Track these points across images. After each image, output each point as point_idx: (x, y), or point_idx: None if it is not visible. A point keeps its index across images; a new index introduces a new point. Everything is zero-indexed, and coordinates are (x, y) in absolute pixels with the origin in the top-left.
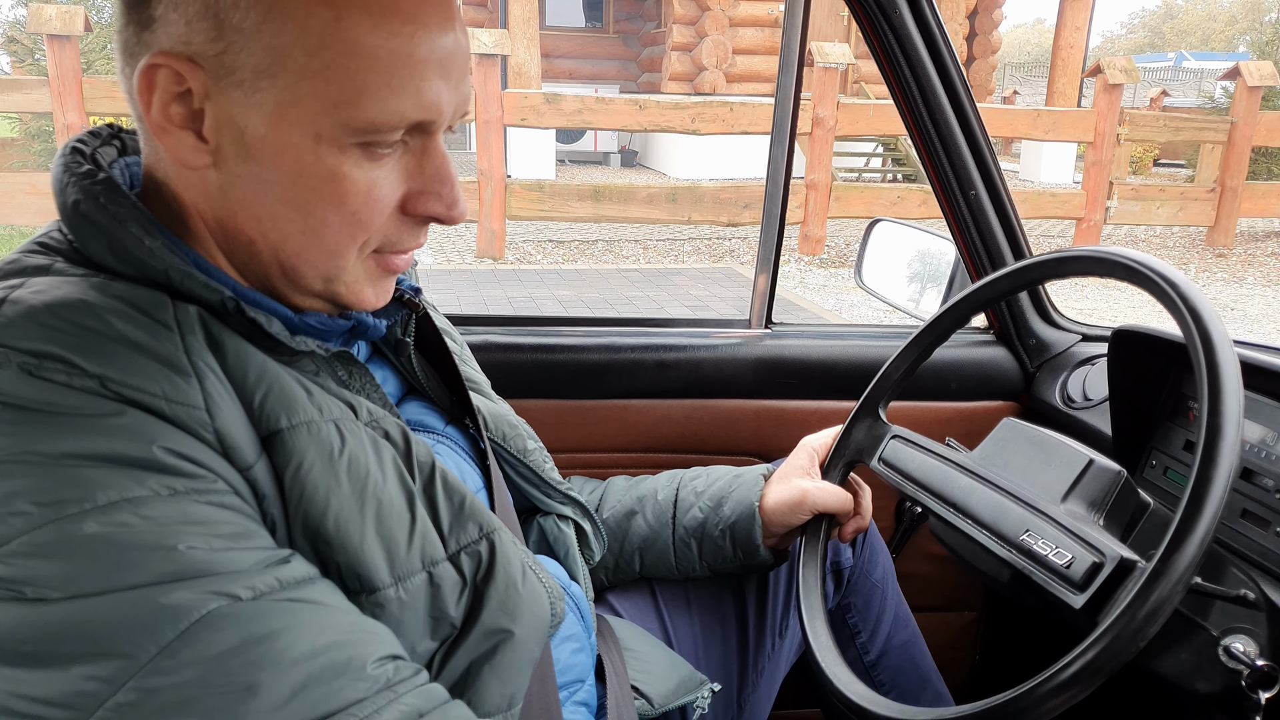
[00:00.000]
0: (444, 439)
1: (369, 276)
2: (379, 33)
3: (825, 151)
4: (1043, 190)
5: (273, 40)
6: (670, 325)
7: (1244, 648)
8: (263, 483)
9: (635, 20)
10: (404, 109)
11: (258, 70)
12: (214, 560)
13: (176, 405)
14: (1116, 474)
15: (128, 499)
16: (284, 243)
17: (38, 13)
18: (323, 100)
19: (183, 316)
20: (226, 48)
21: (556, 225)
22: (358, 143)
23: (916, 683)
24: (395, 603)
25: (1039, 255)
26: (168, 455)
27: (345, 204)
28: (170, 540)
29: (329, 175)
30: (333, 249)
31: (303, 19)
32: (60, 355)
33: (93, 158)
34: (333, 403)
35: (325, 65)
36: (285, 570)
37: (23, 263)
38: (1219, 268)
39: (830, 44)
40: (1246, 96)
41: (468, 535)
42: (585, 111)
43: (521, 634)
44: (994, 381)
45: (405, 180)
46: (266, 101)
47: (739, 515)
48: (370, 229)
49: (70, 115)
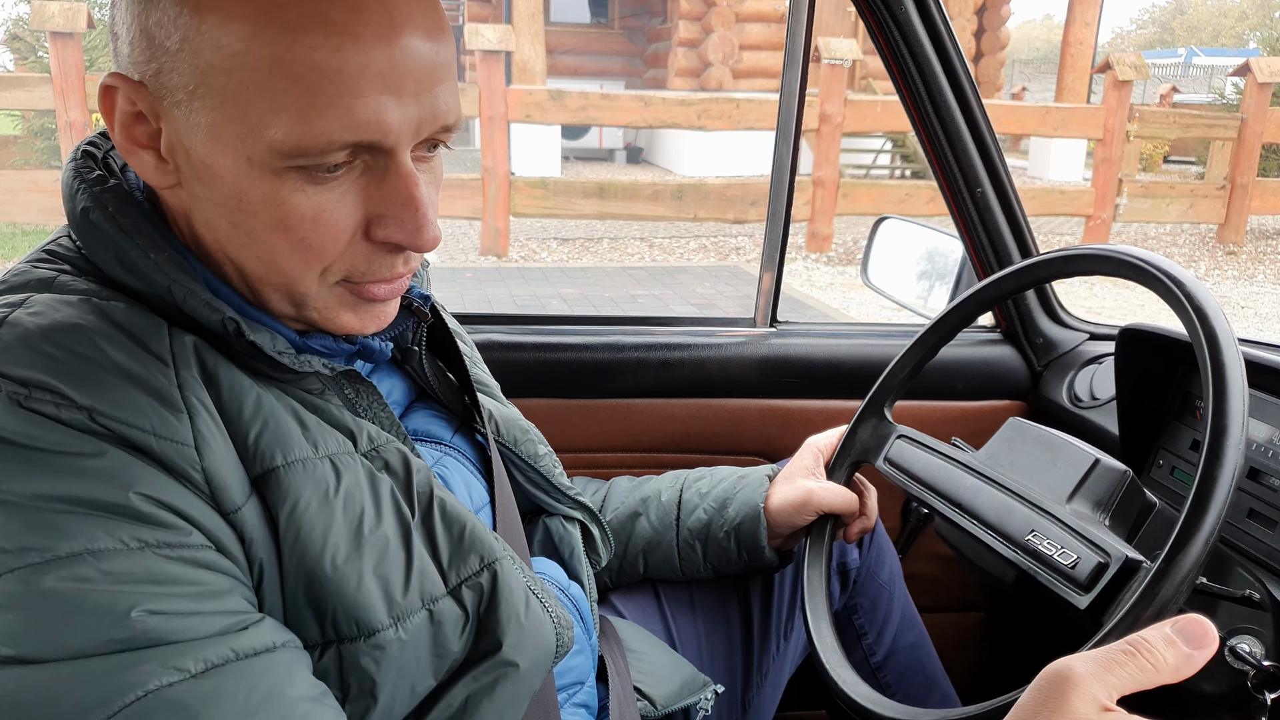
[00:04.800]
0: (451, 450)
1: (343, 303)
2: (298, 48)
3: (833, 148)
4: (1052, 187)
5: (194, 60)
6: (674, 324)
7: (1250, 648)
8: (250, 525)
9: (641, 16)
10: (331, 130)
11: (189, 91)
12: (168, 628)
13: (165, 442)
14: (1122, 474)
15: (91, 550)
16: (245, 266)
17: (40, 10)
18: (245, 123)
19: (179, 349)
20: (160, 68)
21: (561, 222)
22: (291, 166)
23: (923, 684)
24: (395, 644)
25: (1045, 253)
26: (144, 502)
27: (291, 230)
28: (126, 603)
29: (266, 200)
30: (289, 275)
31: (217, 37)
32: (51, 385)
33: (104, 162)
34: (329, 436)
35: (243, 85)
36: (244, 639)
37: (29, 275)
38: (1229, 265)
39: (837, 40)
40: (1257, 93)
41: (469, 568)
42: (590, 108)
43: (525, 667)
44: (1001, 381)
45: (363, 204)
46: (201, 122)
47: (744, 516)
48: (326, 256)
49: (73, 113)
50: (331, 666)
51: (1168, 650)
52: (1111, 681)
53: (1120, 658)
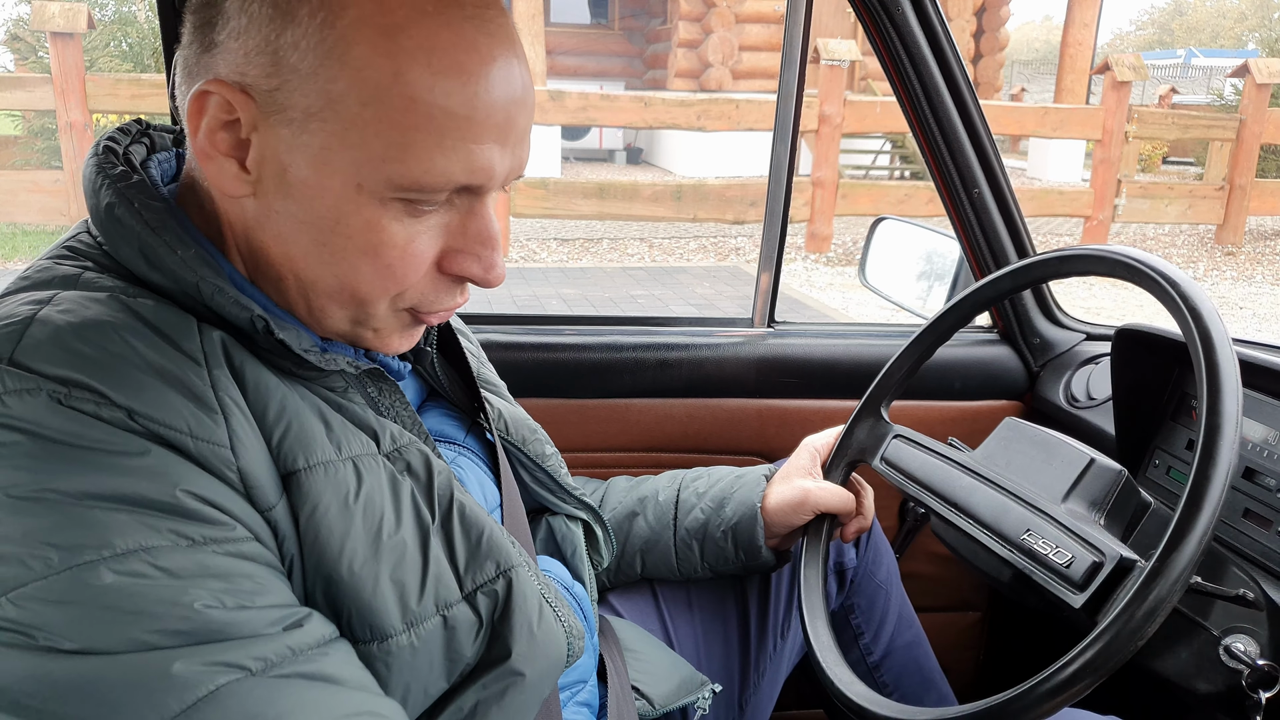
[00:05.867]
0: (465, 449)
1: (401, 327)
2: (436, 91)
3: (832, 149)
4: (1050, 188)
5: (328, 85)
6: (672, 324)
7: (1245, 647)
8: (283, 523)
9: (641, 17)
10: (452, 172)
11: (308, 111)
12: (228, 622)
13: (202, 443)
14: (1117, 473)
15: (145, 547)
16: (315, 283)
17: (41, 10)
18: (369, 152)
19: (209, 347)
20: (280, 85)
21: (561, 223)
22: (399, 197)
23: (920, 684)
24: (408, 649)
25: (1041, 254)
26: (190, 499)
27: (380, 256)
28: (185, 596)
29: (366, 225)
30: (364, 297)
31: (360, 68)
32: (90, 385)
33: (125, 157)
34: (353, 436)
35: (376, 118)
36: (299, 636)
37: (53, 271)
38: (1228, 266)
39: (837, 40)
40: (1255, 94)
41: (484, 574)
42: (590, 108)
43: (534, 677)
44: (998, 381)
45: (445, 237)
46: (313, 144)
47: (741, 516)
48: (404, 284)
49: (73, 113)
50: None
51: None
52: None
53: None
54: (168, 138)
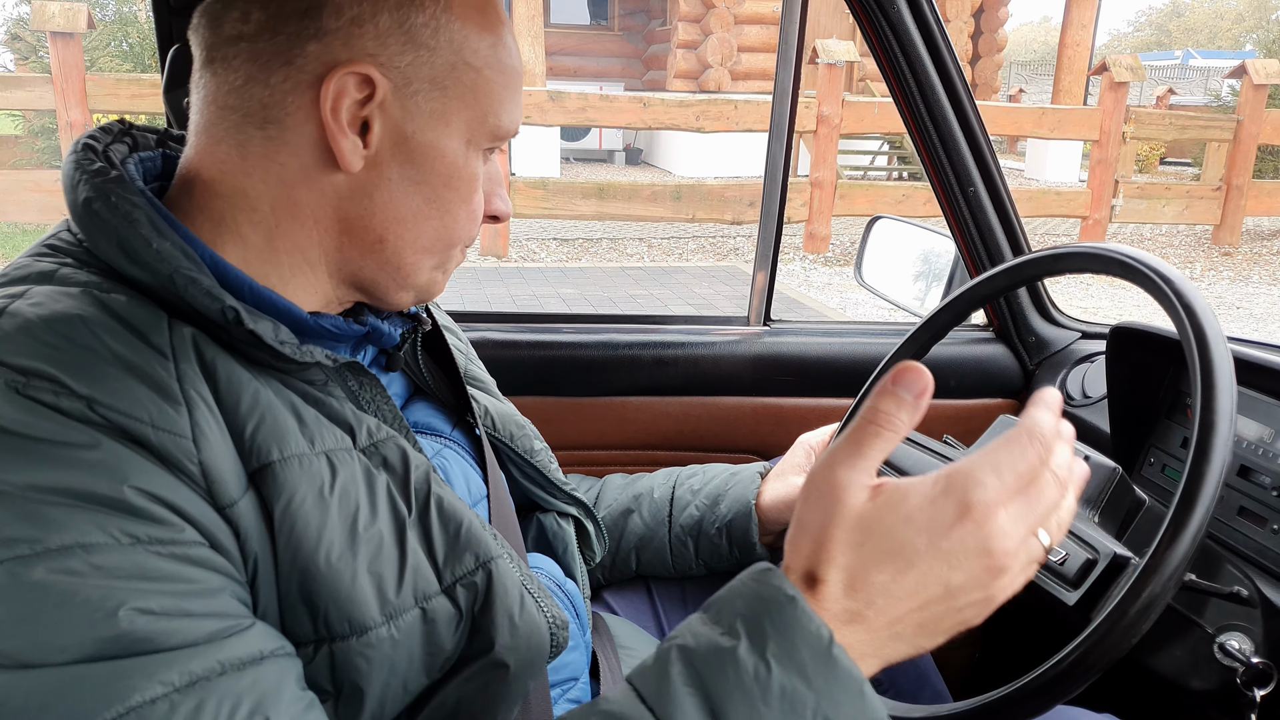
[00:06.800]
0: (451, 443)
1: (452, 267)
2: (511, 57)
3: (830, 149)
4: (1048, 188)
5: (451, 57)
6: (668, 322)
7: (1239, 645)
8: (246, 520)
9: (640, 17)
10: (515, 119)
11: (433, 82)
12: (157, 629)
13: (163, 434)
14: (1112, 471)
15: (83, 544)
16: (417, 239)
17: (41, 10)
18: (477, 111)
19: (178, 342)
20: (413, 60)
21: (561, 223)
22: (489, 148)
23: (915, 680)
24: (388, 642)
25: (1036, 251)
26: (138, 496)
27: (471, 201)
28: (115, 600)
29: (470, 176)
30: (453, 240)
31: (472, 43)
32: (50, 374)
33: (105, 155)
34: (328, 431)
35: (484, 80)
36: (231, 649)
37: (30, 268)
38: (1225, 266)
39: (834, 41)
40: (1253, 94)
41: (464, 566)
42: (589, 109)
43: (516, 668)
44: (993, 379)
45: (485, 181)
46: (434, 110)
47: (735, 513)
48: (479, 223)
49: (73, 112)
50: (323, 664)
51: (900, 411)
52: (867, 466)
53: (866, 439)
54: (150, 138)
